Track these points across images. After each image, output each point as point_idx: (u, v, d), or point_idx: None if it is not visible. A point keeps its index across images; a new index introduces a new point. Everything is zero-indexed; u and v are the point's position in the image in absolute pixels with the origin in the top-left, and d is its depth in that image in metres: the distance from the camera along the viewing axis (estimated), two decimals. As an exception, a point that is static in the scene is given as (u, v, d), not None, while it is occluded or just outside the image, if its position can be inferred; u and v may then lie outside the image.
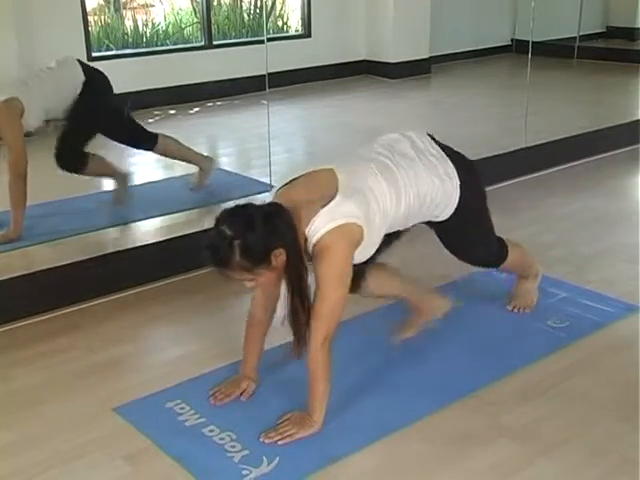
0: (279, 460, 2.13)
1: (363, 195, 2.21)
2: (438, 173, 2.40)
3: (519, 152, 4.66)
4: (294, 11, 7.35)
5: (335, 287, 2.15)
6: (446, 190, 2.41)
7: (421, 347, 2.72)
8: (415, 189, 2.34)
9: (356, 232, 2.17)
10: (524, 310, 2.95)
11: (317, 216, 2.13)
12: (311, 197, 2.17)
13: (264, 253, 2.07)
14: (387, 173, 2.30)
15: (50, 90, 3.50)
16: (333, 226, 2.12)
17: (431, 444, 2.22)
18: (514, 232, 3.80)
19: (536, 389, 2.48)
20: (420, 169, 2.37)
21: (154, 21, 6.75)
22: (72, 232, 3.57)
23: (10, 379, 2.62)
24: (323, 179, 2.24)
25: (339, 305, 2.17)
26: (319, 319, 2.15)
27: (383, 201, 2.26)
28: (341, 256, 2.15)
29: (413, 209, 2.37)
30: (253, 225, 2.06)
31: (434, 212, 2.46)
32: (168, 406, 2.41)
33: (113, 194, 4.03)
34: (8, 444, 2.27)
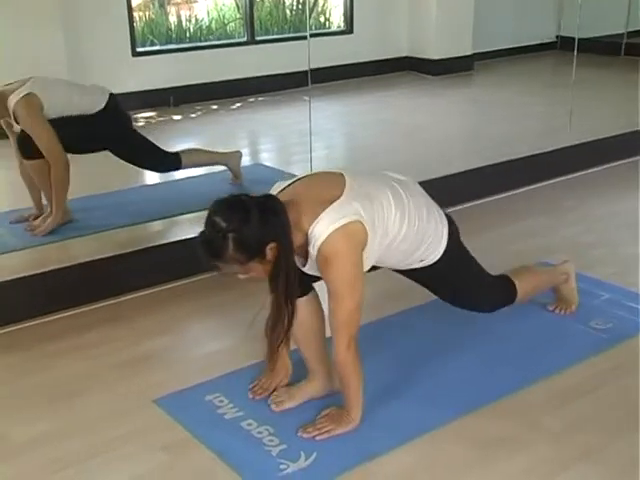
0: (316, 455, 2.14)
1: (369, 201, 2.13)
2: (435, 215, 2.35)
3: (562, 151, 4.59)
4: (336, 7, 7.34)
5: (349, 294, 2.09)
6: (437, 232, 2.35)
7: (461, 346, 2.70)
8: (418, 222, 2.26)
9: (360, 232, 2.08)
10: (566, 312, 2.91)
11: (319, 218, 2.05)
12: (314, 196, 2.11)
13: (258, 247, 2.01)
14: (396, 195, 2.23)
15: (71, 97, 3.53)
16: (337, 227, 2.03)
17: (468, 444, 2.21)
18: (556, 232, 3.78)
19: (577, 391, 2.45)
20: (423, 205, 2.31)
21: (197, 17, 6.80)
22: (114, 225, 3.61)
23: (50, 369, 2.67)
24: (329, 180, 2.17)
25: (356, 311, 2.12)
26: (339, 327, 2.12)
27: (388, 217, 2.18)
28: (349, 262, 2.07)
29: (411, 243, 2.28)
30: (248, 218, 1.99)
31: (424, 253, 2.35)
32: (207, 399, 2.43)
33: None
34: (48, 433, 2.31)
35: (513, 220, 3.96)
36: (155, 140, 4.10)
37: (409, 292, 3.08)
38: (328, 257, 2.05)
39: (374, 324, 2.83)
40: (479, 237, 3.73)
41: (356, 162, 4.80)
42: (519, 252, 3.52)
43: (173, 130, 5.61)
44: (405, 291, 3.10)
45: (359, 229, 2.08)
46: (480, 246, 3.57)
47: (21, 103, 3.35)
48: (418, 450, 2.18)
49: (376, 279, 3.18)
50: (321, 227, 2.04)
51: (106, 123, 3.60)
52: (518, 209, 4.11)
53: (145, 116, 5.90)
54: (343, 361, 2.15)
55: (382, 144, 5.07)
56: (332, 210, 2.05)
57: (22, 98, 3.35)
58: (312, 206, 2.07)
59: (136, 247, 3.34)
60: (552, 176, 4.50)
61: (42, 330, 2.95)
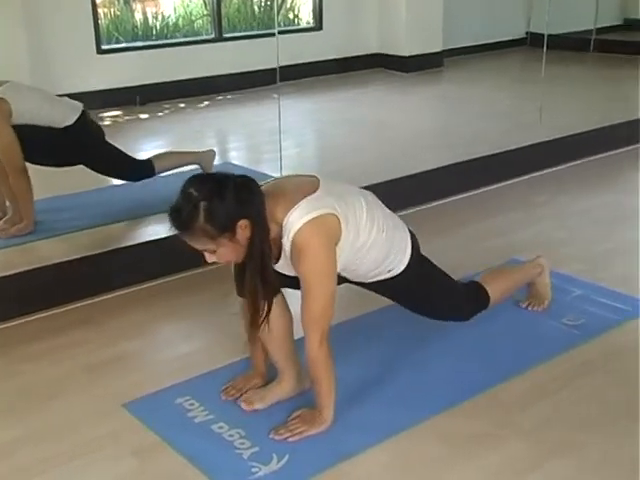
0: (289, 457, 2.11)
1: (343, 202, 2.14)
2: (399, 224, 2.38)
3: (533, 147, 4.61)
4: (305, 3, 7.31)
5: (322, 287, 2.08)
6: (402, 241, 2.35)
7: (434, 344, 2.70)
8: (386, 229, 2.27)
9: (334, 225, 2.08)
10: (538, 308, 2.90)
11: (294, 209, 2.04)
12: (289, 190, 2.11)
13: (229, 221, 1.99)
14: (366, 200, 2.25)
15: (42, 107, 3.47)
16: (311, 217, 2.03)
17: (442, 442, 2.19)
18: (527, 228, 3.79)
19: (549, 388, 2.45)
20: (389, 215, 2.33)
21: (164, 13, 6.74)
22: (84, 226, 3.56)
23: (20, 374, 2.61)
24: (304, 180, 2.17)
25: (329, 305, 2.10)
26: (311, 323, 2.10)
27: (359, 219, 2.17)
28: (322, 253, 2.06)
29: (380, 249, 2.26)
30: (223, 191, 1.98)
31: (392, 262, 2.34)
32: (177, 402, 2.39)
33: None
34: (16, 439, 2.26)
35: (484, 217, 3.96)
36: (122, 140, 4.06)
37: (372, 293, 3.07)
38: (302, 248, 2.04)
39: (345, 324, 2.80)
40: (451, 234, 3.73)
41: (327, 160, 4.79)
42: (491, 249, 3.52)
43: (140, 129, 5.55)
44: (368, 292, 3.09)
45: (333, 222, 2.08)
46: (452, 243, 3.60)
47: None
48: (391, 450, 2.17)
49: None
50: (295, 217, 2.04)
51: (74, 138, 3.55)
52: (489, 206, 4.12)
53: (111, 115, 5.83)
54: (315, 358, 2.13)
55: (353, 142, 5.06)
56: (307, 202, 2.06)
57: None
58: (287, 198, 2.07)
59: (106, 248, 3.29)
60: (523, 172, 4.51)
61: (10, 334, 2.89)
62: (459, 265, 3.30)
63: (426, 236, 3.65)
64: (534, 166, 4.57)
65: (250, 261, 2.07)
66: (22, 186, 3.45)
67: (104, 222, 3.63)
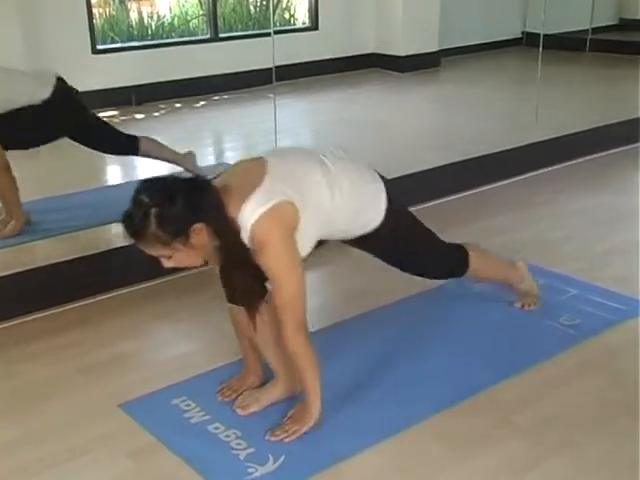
0: (285, 458, 2.11)
1: (295, 179, 2.10)
2: (367, 176, 2.32)
3: (530, 147, 4.61)
4: (301, 3, 7.30)
5: (286, 277, 2.05)
6: (374, 192, 2.31)
7: (429, 345, 2.69)
8: (351, 187, 2.22)
9: (289, 212, 2.04)
10: (531, 306, 2.90)
11: (246, 204, 2.00)
12: (239, 183, 2.06)
13: (182, 226, 1.96)
14: (323, 165, 2.20)
15: (12, 90, 3.38)
16: (263, 211, 1.99)
17: (439, 442, 2.19)
18: (525, 228, 3.78)
19: (545, 388, 2.44)
20: (353, 169, 2.28)
21: (159, 13, 6.72)
22: (80, 226, 3.54)
23: (16, 374, 2.60)
24: (253, 167, 2.13)
25: (298, 294, 2.07)
26: (282, 313, 2.07)
27: (318, 190, 2.14)
28: (281, 247, 2.03)
29: (349, 210, 2.24)
30: (174, 196, 1.95)
31: (366, 217, 2.31)
32: (173, 403, 2.38)
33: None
34: (13, 440, 2.25)
35: (483, 216, 3.95)
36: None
37: (374, 292, 3.08)
38: (260, 243, 2.02)
39: (339, 325, 2.80)
40: (449, 234, 3.70)
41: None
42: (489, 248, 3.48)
43: (136, 129, 5.47)
44: (370, 291, 3.10)
45: (288, 210, 2.04)
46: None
47: None
48: (388, 450, 2.16)
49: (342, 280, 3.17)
50: (248, 212, 2.01)
51: (55, 110, 3.44)
52: (487, 206, 4.11)
53: (107, 115, 5.79)
54: (292, 348, 2.11)
55: (349, 142, 5.04)
56: (257, 194, 2.02)
57: None
58: (237, 192, 2.03)
59: (102, 248, 3.28)
60: (521, 172, 4.51)
61: (7, 334, 2.88)
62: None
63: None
64: (531, 166, 4.57)
65: (233, 264, 2.06)
66: (5, 183, 3.41)
67: (100, 222, 3.61)
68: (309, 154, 2.26)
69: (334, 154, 2.29)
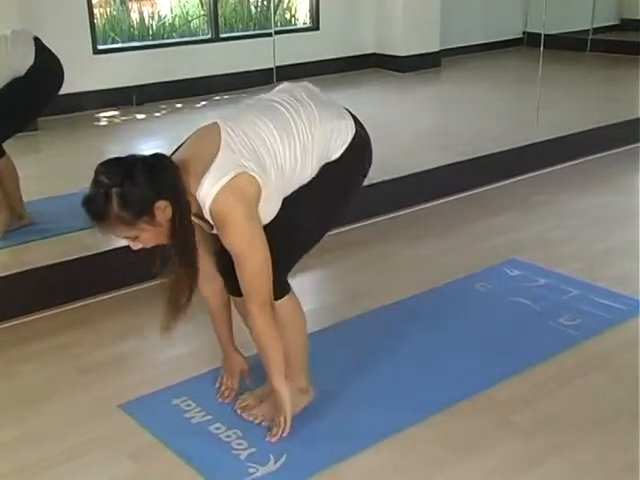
0: (286, 458, 2.11)
1: (251, 145, 1.98)
2: (332, 113, 2.15)
3: (531, 147, 4.61)
4: (302, 3, 7.30)
5: (249, 254, 1.97)
6: (344, 127, 2.15)
7: (430, 344, 2.68)
8: (311, 132, 2.07)
9: (248, 183, 1.94)
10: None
11: (203, 180, 1.92)
12: (195, 157, 1.98)
13: (145, 204, 1.89)
14: (280, 120, 2.06)
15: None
16: (222, 184, 1.91)
17: (439, 443, 2.19)
18: (526, 228, 3.78)
19: (547, 387, 2.44)
20: (316, 109, 2.11)
21: (160, 13, 6.72)
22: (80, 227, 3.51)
23: (15, 375, 2.60)
24: (207, 137, 2.02)
25: (262, 269, 1.99)
26: (247, 290, 2.02)
27: (275, 151, 2.01)
28: (242, 221, 1.94)
29: (312, 154, 2.08)
30: (133, 173, 1.89)
31: (333, 146, 2.13)
32: (174, 403, 2.38)
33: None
34: (13, 440, 2.25)
35: (483, 217, 3.95)
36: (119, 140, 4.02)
37: (373, 293, 3.08)
38: (220, 219, 1.94)
39: (339, 325, 2.80)
40: (450, 234, 3.73)
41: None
42: (491, 248, 3.52)
43: (137, 130, 5.53)
44: (369, 292, 3.10)
45: (246, 180, 1.94)
46: (451, 243, 3.60)
47: None
48: (388, 450, 2.16)
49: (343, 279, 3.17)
50: (206, 189, 1.92)
51: (39, 78, 3.30)
52: (488, 206, 4.11)
53: (107, 115, 5.82)
54: (254, 325, 2.06)
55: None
56: (213, 170, 1.93)
57: None
58: (195, 167, 1.95)
59: (101, 249, 3.27)
60: (521, 172, 4.51)
61: (7, 335, 2.88)
62: (460, 264, 3.32)
63: (426, 235, 3.69)
64: (532, 166, 4.57)
65: (173, 242, 1.97)
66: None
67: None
68: (264, 110, 2.09)
69: (294, 95, 2.14)
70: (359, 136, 2.18)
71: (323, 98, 2.21)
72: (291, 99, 2.13)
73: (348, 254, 3.44)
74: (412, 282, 3.18)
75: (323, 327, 2.76)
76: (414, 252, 3.52)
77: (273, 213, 2.07)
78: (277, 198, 2.06)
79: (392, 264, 3.41)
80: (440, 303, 3.00)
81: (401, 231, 3.78)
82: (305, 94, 2.16)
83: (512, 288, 3.09)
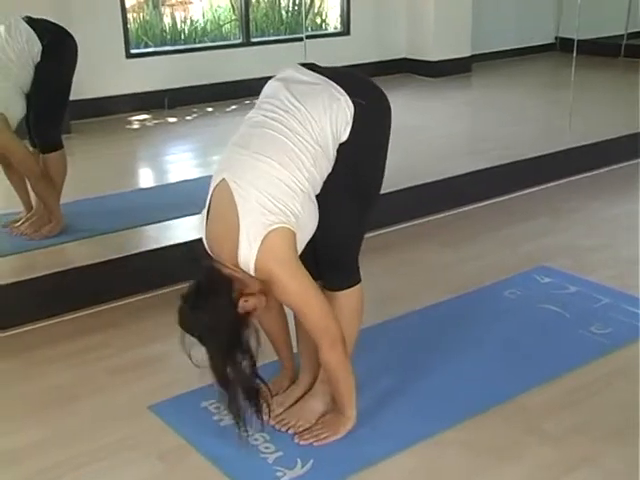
0: (313, 462, 2.11)
1: (265, 199, 1.95)
2: (324, 102, 2.04)
3: (563, 153, 4.57)
4: (333, 8, 7.31)
5: (305, 306, 2.02)
6: (340, 108, 2.04)
7: (460, 351, 2.67)
8: (312, 138, 2.02)
9: (280, 238, 1.94)
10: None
11: (238, 251, 1.95)
12: (223, 230, 1.99)
13: (231, 324, 1.98)
14: (276, 148, 2.00)
15: (17, 75, 3.31)
16: (256, 252, 1.92)
17: (468, 450, 2.17)
18: (557, 234, 3.75)
19: (577, 396, 2.42)
20: (306, 110, 2.03)
21: (192, 18, 6.77)
22: (110, 229, 3.57)
23: (45, 375, 2.63)
24: (224, 206, 1.99)
25: (322, 312, 2.03)
26: (313, 333, 2.06)
27: (289, 184, 1.98)
28: (287, 278, 1.96)
29: (321, 156, 2.03)
30: (212, 326, 1.99)
31: (339, 130, 2.05)
32: (203, 405, 2.39)
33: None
34: (43, 440, 2.27)
35: (513, 223, 3.93)
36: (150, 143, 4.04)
37: (401, 298, 3.08)
38: (268, 281, 1.98)
39: (368, 330, 2.79)
40: (479, 240, 3.71)
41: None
42: (520, 255, 3.49)
43: (168, 133, 5.58)
44: (397, 297, 3.09)
45: (275, 236, 1.94)
46: (482, 249, 3.59)
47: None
48: (417, 456, 2.15)
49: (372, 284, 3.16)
50: (245, 256, 1.94)
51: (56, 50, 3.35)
52: (518, 212, 4.09)
53: (139, 119, 5.87)
54: (327, 362, 2.10)
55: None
56: (242, 242, 1.94)
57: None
58: (229, 249, 1.97)
59: (131, 251, 3.31)
60: (553, 178, 4.47)
61: (35, 336, 2.91)
62: (489, 271, 3.31)
63: (455, 241, 3.68)
64: (564, 172, 4.53)
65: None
66: (43, 191, 3.47)
67: (131, 225, 3.64)
68: (264, 144, 2.02)
69: (285, 107, 2.05)
70: (360, 107, 2.06)
71: (307, 79, 2.10)
72: (280, 113, 2.04)
73: (376, 259, 3.43)
74: (441, 288, 3.17)
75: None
76: (443, 258, 3.51)
77: (315, 220, 2.07)
78: (310, 212, 2.04)
79: (421, 270, 3.39)
80: (469, 310, 2.98)
81: (430, 237, 3.77)
82: (290, 95, 2.07)
83: (542, 295, 3.06)
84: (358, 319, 2.25)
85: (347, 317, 2.17)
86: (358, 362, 2.24)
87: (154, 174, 4.86)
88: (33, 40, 3.32)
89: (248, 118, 2.15)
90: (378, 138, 2.20)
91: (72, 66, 3.49)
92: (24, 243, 3.43)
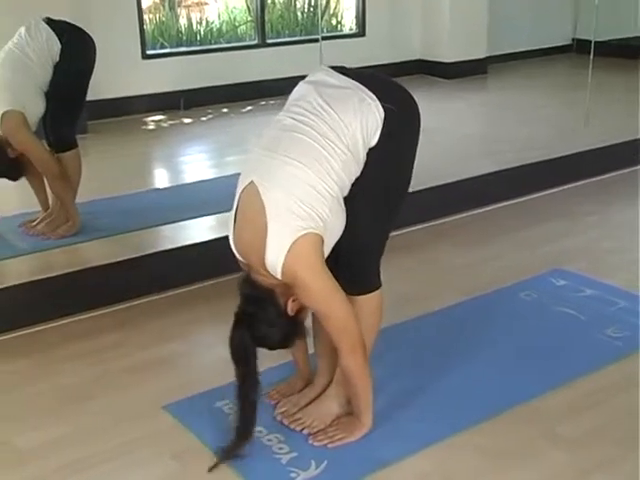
0: (327, 463, 2.11)
1: (293, 203, 1.94)
2: (354, 106, 2.02)
3: (579, 155, 4.54)
4: (348, 9, 7.31)
5: (328, 309, 2.02)
6: (370, 112, 2.03)
7: (475, 354, 2.66)
8: (342, 142, 2.00)
9: (306, 242, 1.94)
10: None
11: (265, 254, 1.95)
12: (252, 234, 1.99)
13: (283, 335, 2.07)
14: (307, 153, 1.98)
15: (37, 74, 3.35)
16: (283, 257, 1.93)
17: (482, 453, 2.17)
18: (573, 237, 3.73)
19: (592, 400, 2.41)
20: (335, 113, 2.01)
21: (208, 19, 6.79)
22: (126, 229, 3.59)
23: (61, 373, 2.65)
24: (252, 211, 1.98)
25: (346, 319, 2.03)
26: (334, 337, 2.06)
27: (318, 189, 1.96)
28: (312, 282, 1.97)
29: (350, 160, 2.02)
30: (278, 337, 2.07)
31: (369, 134, 2.04)
32: (217, 406, 2.40)
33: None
34: (59, 438, 2.29)
35: (530, 224, 3.91)
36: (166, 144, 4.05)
37: (418, 299, 3.07)
38: (294, 284, 1.98)
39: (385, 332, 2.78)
40: (495, 242, 3.70)
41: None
42: (536, 257, 3.48)
43: (184, 134, 5.60)
44: (414, 298, 3.09)
45: (306, 242, 1.94)
46: (496, 251, 3.58)
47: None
48: (431, 458, 2.15)
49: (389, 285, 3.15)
50: (272, 261, 1.95)
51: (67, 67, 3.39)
52: (535, 213, 4.07)
53: (155, 119, 5.90)
54: (347, 366, 2.11)
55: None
56: (270, 245, 1.94)
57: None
58: (253, 245, 1.98)
59: (147, 251, 3.32)
60: (570, 180, 4.45)
61: (52, 334, 2.93)
62: (505, 272, 3.30)
63: (471, 243, 3.67)
64: (580, 174, 4.50)
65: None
66: (60, 190, 3.50)
67: (146, 225, 3.65)
68: (294, 147, 2.00)
69: (315, 110, 2.03)
70: (390, 113, 2.05)
71: (337, 83, 2.08)
72: (310, 117, 2.03)
73: (394, 259, 3.40)
74: (457, 289, 3.16)
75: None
76: (459, 259, 3.50)
77: (342, 223, 2.07)
78: (338, 216, 2.04)
79: (437, 271, 3.39)
80: (485, 311, 2.97)
81: (447, 238, 3.76)
82: (321, 98, 2.05)
83: (558, 298, 3.05)
84: (377, 323, 2.25)
85: (366, 321, 2.16)
86: (374, 363, 2.24)
87: (169, 174, 4.88)
88: (53, 40, 3.36)
89: (277, 121, 2.12)
90: (407, 143, 2.20)
91: (90, 65, 3.53)
92: (41, 243, 3.45)
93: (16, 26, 3.41)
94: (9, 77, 3.31)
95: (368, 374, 2.14)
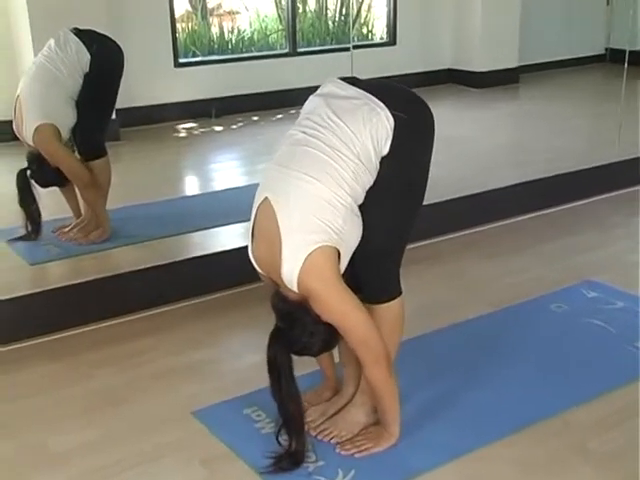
0: (354, 473, 2.11)
1: (307, 218, 1.97)
2: (363, 116, 2.03)
3: (610, 166, 4.50)
4: (379, 18, 7.32)
5: (347, 323, 2.02)
6: (380, 121, 2.03)
7: (504, 366, 2.65)
8: (353, 153, 2.01)
9: (319, 256, 1.95)
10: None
11: (281, 268, 1.98)
12: (268, 248, 2.02)
13: (308, 332, 2.06)
14: (319, 168, 2.00)
15: (66, 85, 3.40)
16: (298, 271, 1.95)
17: (510, 465, 2.15)
18: (603, 249, 3.70)
19: (623, 414, 2.38)
20: (345, 126, 2.03)
21: (239, 28, 6.85)
22: (157, 235, 3.62)
23: (92, 377, 2.68)
24: (267, 221, 2.02)
25: (366, 328, 2.03)
26: (358, 348, 2.06)
27: (332, 203, 1.98)
28: (329, 296, 1.98)
29: (362, 169, 2.03)
30: (319, 345, 2.11)
31: (380, 143, 2.05)
32: (245, 413, 2.41)
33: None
34: (89, 442, 2.31)
35: (560, 236, 3.89)
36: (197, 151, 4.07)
37: (446, 308, 3.07)
38: (310, 299, 1.99)
39: (412, 341, 2.78)
40: (525, 253, 3.68)
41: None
42: (566, 269, 3.45)
43: (215, 141, 5.64)
44: (442, 307, 3.08)
45: (319, 255, 1.96)
46: (526, 262, 3.56)
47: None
48: (460, 470, 2.14)
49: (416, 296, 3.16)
50: (287, 274, 1.98)
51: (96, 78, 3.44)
52: (565, 225, 4.04)
53: (187, 127, 5.95)
54: (372, 378, 2.11)
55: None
56: (285, 260, 1.97)
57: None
58: (273, 264, 2.01)
59: (178, 258, 3.35)
60: (600, 192, 4.41)
61: (82, 339, 2.97)
62: (534, 284, 3.28)
63: (500, 254, 3.65)
64: (611, 186, 4.47)
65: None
66: (91, 198, 3.54)
67: (177, 232, 3.68)
68: (306, 162, 2.03)
69: (325, 123, 2.06)
70: (400, 121, 2.05)
71: (346, 94, 2.10)
72: (320, 130, 2.05)
73: (421, 270, 3.42)
74: (486, 300, 3.15)
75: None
76: (488, 270, 3.49)
77: (359, 231, 2.07)
78: (353, 225, 2.05)
79: (465, 282, 3.38)
80: (514, 323, 2.96)
81: (475, 249, 3.75)
82: (330, 110, 2.07)
83: (588, 310, 3.02)
84: (399, 332, 2.24)
85: (387, 330, 2.16)
86: (401, 373, 2.24)
87: (200, 182, 4.91)
88: (82, 51, 3.41)
89: (289, 135, 2.16)
90: (420, 149, 2.19)
91: (119, 74, 3.58)
92: (73, 248, 3.50)
93: (54, 35, 3.47)
94: (41, 91, 3.38)
95: (394, 384, 2.14)
